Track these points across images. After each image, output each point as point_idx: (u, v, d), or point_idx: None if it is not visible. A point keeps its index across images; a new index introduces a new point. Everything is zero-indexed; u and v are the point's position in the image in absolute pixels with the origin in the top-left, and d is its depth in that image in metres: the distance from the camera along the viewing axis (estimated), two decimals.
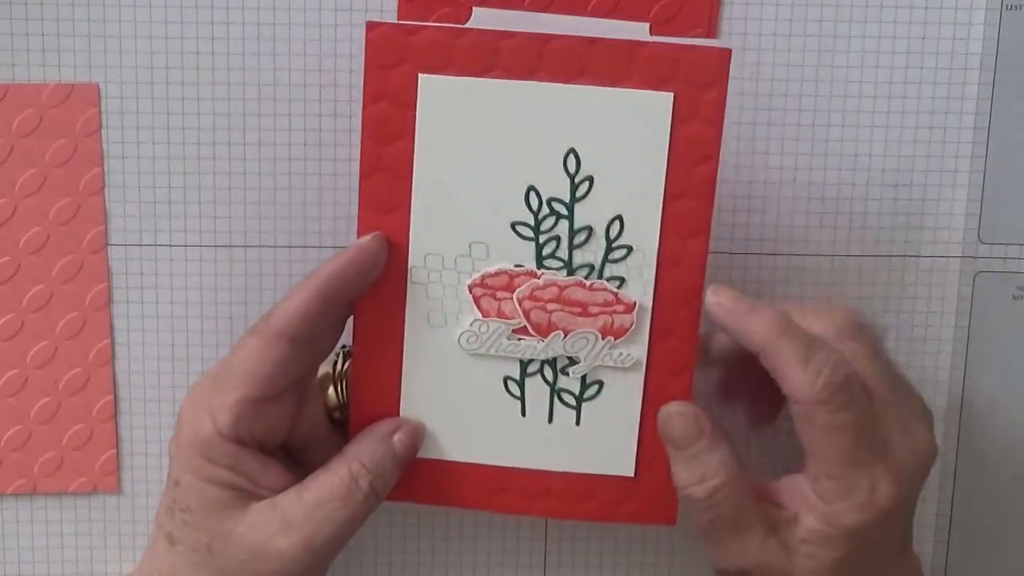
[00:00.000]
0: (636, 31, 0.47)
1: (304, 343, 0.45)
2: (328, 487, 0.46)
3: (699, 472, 0.46)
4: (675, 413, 0.47)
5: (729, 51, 0.45)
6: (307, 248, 0.53)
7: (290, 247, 0.53)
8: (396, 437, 0.47)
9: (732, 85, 0.52)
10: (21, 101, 0.52)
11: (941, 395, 0.55)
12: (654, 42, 0.45)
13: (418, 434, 0.48)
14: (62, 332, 0.53)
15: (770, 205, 0.53)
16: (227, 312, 0.54)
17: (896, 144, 0.53)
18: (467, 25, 0.46)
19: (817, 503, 0.45)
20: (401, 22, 0.46)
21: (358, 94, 0.52)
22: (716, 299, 0.46)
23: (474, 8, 0.50)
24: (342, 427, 0.49)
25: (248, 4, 0.51)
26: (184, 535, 0.46)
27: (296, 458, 0.48)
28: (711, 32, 0.51)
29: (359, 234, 0.46)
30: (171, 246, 0.53)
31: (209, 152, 0.52)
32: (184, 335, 0.54)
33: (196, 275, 0.53)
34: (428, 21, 0.51)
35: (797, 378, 0.44)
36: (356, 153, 0.52)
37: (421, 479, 0.49)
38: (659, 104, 0.45)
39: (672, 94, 0.45)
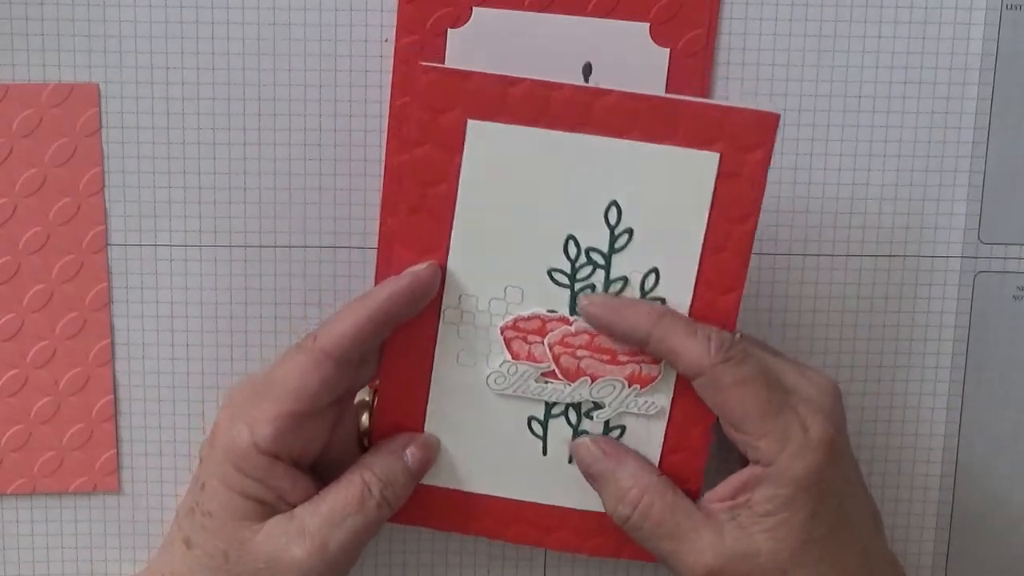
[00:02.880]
0: (636, 32, 0.47)
1: (350, 364, 0.46)
2: (342, 496, 0.46)
3: (615, 492, 0.47)
4: (575, 447, 0.48)
5: (777, 116, 0.45)
6: (307, 248, 0.53)
7: (290, 247, 0.53)
8: (409, 450, 0.48)
9: (731, 87, 0.52)
10: (21, 101, 0.51)
11: (941, 395, 0.55)
12: (702, 102, 0.45)
13: (431, 448, 0.49)
14: (62, 332, 0.53)
15: (770, 205, 0.53)
16: (227, 312, 0.54)
17: (896, 144, 0.53)
18: (467, 25, 0.46)
19: (763, 473, 0.45)
20: (454, 67, 0.45)
21: (358, 94, 0.52)
22: (589, 302, 0.46)
23: (474, 8, 0.50)
24: None
25: (248, 4, 0.51)
26: (202, 540, 0.46)
27: (324, 478, 0.48)
28: (711, 32, 0.51)
29: (396, 272, 0.47)
30: (171, 246, 0.53)
31: (209, 152, 0.52)
32: (184, 335, 0.54)
33: (196, 275, 0.53)
34: (428, 21, 0.51)
35: (693, 348, 0.45)
36: (356, 153, 0.52)
37: (439, 507, 0.50)
38: (704, 163, 0.45)
39: (718, 154, 0.45)
